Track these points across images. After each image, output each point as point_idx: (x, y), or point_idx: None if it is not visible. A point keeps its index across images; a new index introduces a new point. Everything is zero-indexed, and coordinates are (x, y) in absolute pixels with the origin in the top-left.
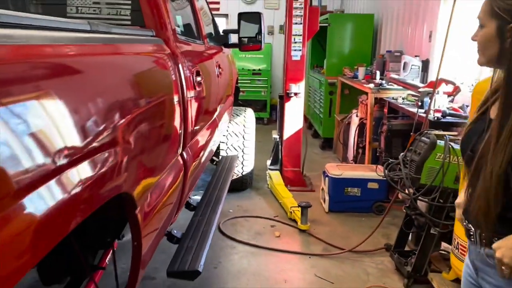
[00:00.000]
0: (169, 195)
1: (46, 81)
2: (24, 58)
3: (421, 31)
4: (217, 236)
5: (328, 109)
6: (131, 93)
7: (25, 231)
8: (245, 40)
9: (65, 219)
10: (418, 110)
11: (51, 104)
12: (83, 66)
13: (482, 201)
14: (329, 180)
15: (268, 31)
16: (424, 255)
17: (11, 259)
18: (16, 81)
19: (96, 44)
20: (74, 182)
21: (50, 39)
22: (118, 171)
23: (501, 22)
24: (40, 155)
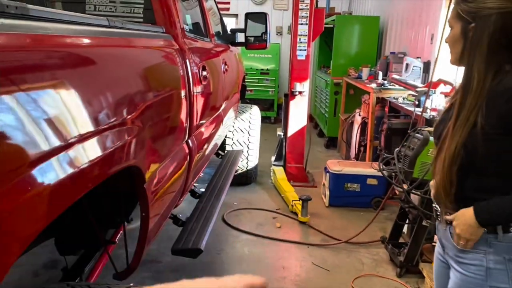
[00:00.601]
0: (174, 177)
1: (75, 67)
2: (56, 46)
3: (424, 33)
4: (221, 226)
5: (333, 109)
6: (143, 80)
7: (57, 184)
8: (252, 39)
9: (88, 179)
10: (415, 109)
11: (82, 86)
12: (104, 56)
13: (441, 180)
14: (330, 175)
15: (277, 31)
16: (416, 246)
17: (46, 205)
18: (50, 66)
19: (113, 37)
20: (96, 149)
21: (76, 31)
22: (130, 146)
23: (464, 23)
24: (73, 123)
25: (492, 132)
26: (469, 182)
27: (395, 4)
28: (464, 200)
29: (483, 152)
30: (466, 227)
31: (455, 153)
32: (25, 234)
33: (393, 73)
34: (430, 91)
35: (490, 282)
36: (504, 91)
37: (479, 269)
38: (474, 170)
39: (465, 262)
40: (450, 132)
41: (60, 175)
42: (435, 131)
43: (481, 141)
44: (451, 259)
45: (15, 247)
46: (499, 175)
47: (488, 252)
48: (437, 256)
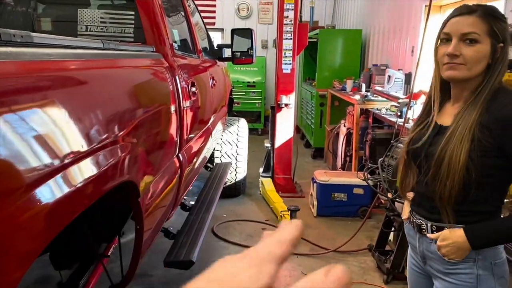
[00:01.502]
0: (166, 190)
1: (75, 90)
2: (57, 71)
3: (405, 46)
4: (211, 238)
5: (319, 120)
6: (136, 98)
7: (61, 200)
8: (238, 54)
9: (87, 196)
10: (398, 119)
11: (83, 107)
12: (100, 78)
13: (448, 197)
14: (317, 186)
15: (262, 45)
16: (402, 253)
17: (48, 223)
18: (51, 89)
19: (107, 59)
20: (93, 167)
21: (75, 55)
22: (125, 162)
23: (495, 41)
24: (73, 143)
25: (485, 149)
26: (468, 195)
27: (376, 18)
28: (460, 213)
29: (480, 166)
30: (456, 249)
31: (464, 168)
32: (28, 253)
33: (376, 84)
34: (411, 102)
35: (480, 287)
36: (500, 118)
37: (470, 277)
38: (470, 184)
39: (455, 272)
40: (457, 146)
41: (59, 194)
42: (418, 150)
43: (478, 156)
44: (436, 271)
45: (18, 267)
46: (492, 188)
47: (478, 259)
48: (413, 268)
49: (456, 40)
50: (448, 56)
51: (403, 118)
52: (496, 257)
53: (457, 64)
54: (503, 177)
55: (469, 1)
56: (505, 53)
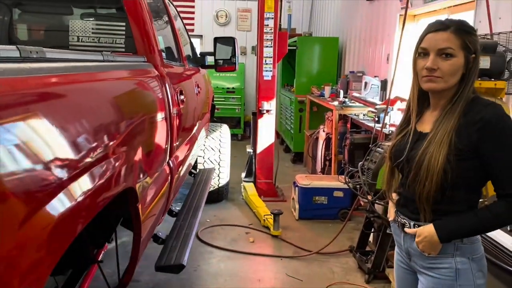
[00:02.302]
0: (159, 196)
1: (84, 100)
2: (63, 84)
3: (380, 53)
4: (196, 243)
5: (298, 125)
6: (135, 108)
7: (76, 208)
8: (221, 62)
9: (98, 202)
10: (376, 124)
11: (91, 117)
12: (102, 91)
13: (426, 197)
14: (299, 189)
15: (241, 51)
16: (382, 253)
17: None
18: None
19: (107, 71)
20: (102, 175)
21: (78, 68)
22: (127, 169)
23: (467, 53)
24: (77, 154)
25: (461, 153)
26: (446, 194)
27: (353, 26)
28: (436, 212)
29: (456, 168)
30: (428, 243)
31: (442, 169)
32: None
33: (353, 91)
34: (388, 108)
35: (459, 281)
36: (479, 120)
37: (449, 271)
38: (448, 184)
39: (436, 267)
40: (438, 143)
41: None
42: (398, 153)
43: (455, 159)
44: (420, 266)
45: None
46: (465, 188)
47: (456, 254)
48: (399, 264)
49: (433, 55)
50: (427, 69)
51: (380, 124)
52: (474, 252)
53: (435, 77)
54: (477, 177)
55: (440, 13)
56: (477, 63)
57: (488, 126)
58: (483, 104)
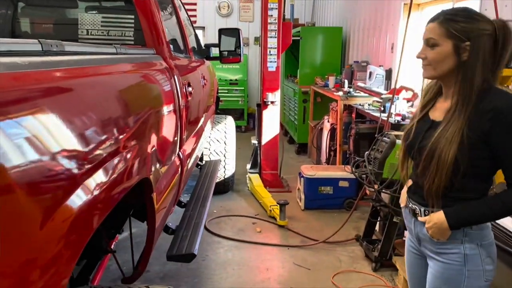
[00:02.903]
0: (171, 187)
1: (102, 92)
2: (81, 77)
3: (385, 43)
4: (204, 233)
5: (302, 116)
6: (146, 101)
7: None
8: (226, 53)
9: (116, 194)
10: (381, 114)
11: (111, 109)
12: (116, 81)
13: (437, 185)
14: (304, 180)
15: (244, 42)
16: (389, 241)
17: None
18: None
19: (121, 64)
20: (122, 165)
21: (96, 61)
22: (143, 161)
23: (456, 41)
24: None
25: (473, 142)
26: (456, 183)
27: (356, 15)
28: (445, 199)
29: (468, 158)
30: (437, 230)
31: (453, 157)
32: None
33: (358, 81)
34: (393, 98)
35: (468, 266)
36: (491, 109)
37: (458, 256)
38: (459, 174)
39: (445, 252)
40: (447, 138)
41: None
42: (413, 141)
43: (467, 149)
44: (430, 251)
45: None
46: (476, 177)
47: (464, 240)
48: (410, 249)
49: (423, 45)
50: (419, 58)
51: (386, 113)
52: (483, 238)
53: (424, 65)
54: (488, 166)
55: (445, 1)
56: (477, 49)
57: (499, 115)
58: (496, 93)
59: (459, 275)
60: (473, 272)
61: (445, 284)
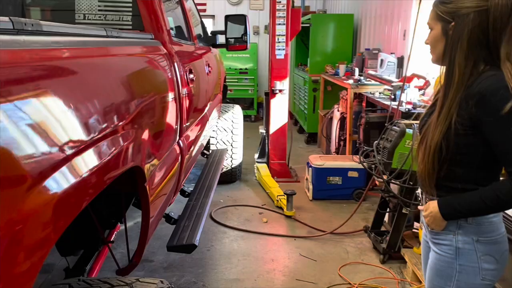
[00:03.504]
0: (169, 176)
1: (83, 78)
2: (64, 59)
3: (396, 30)
4: (209, 223)
5: (312, 105)
6: (140, 85)
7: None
8: (232, 41)
9: (102, 179)
10: (392, 102)
11: (90, 93)
12: (105, 66)
13: (425, 168)
14: (312, 170)
15: (254, 31)
16: (398, 233)
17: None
18: (59, 75)
19: (111, 47)
20: (106, 152)
21: (81, 43)
22: (133, 148)
23: (444, 23)
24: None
25: (461, 127)
26: (444, 171)
27: (368, 2)
28: (442, 188)
29: (454, 144)
30: (432, 219)
31: (438, 142)
32: (51, 235)
33: (369, 69)
34: (404, 85)
35: (459, 260)
36: (475, 93)
37: (449, 249)
38: (447, 161)
39: (439, 242)
40: (434, 123)
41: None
42: (420, 123)
43: (453, 135)
44: (429, 240)
45: (39, 254)
46: (467, 165)
47: (458, 233)
48: (423, 238)
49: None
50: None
51: (396, 101)
52: (481, 234)
53: (430, 51)
54: (480, 154)
55: None
56: (460, 28)
57: (483, 99)
58: (485, 76)
59: (450, 268)
60: (466, 267)
61: (437, 276)
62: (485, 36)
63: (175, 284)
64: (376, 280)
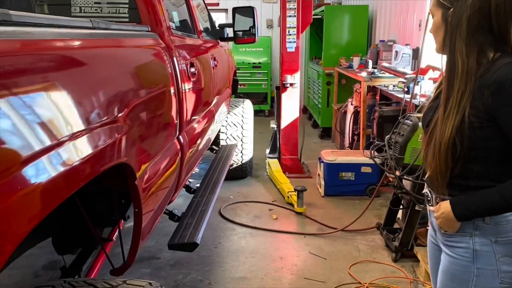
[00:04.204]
0: (167, 173)
1: (61, 69)
2: (42, 50)
3: (412, 20)
4: (218, 220)
5: (326, 99)
6: (129, 78)
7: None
8: (240, 34)
9: (79, 176)
10: (405, 95)
11: (68, 87)
12: (87, 56)
13: (437, 166)
14: (324, 165)
15: (267, 24)
16: (410, 231)
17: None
18: (37, 69)
19: (96, 38)
20: (85, 148)
21: (59, 34)
22: (119, 144)
23: (444, 10)
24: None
25: (476, 120)
26: (458, 169)
27: None
28: (454, 187)
29: (468, 139)
30: (445, 220)
31: (450, 138)
32: (17, 232)
33: (383, 61)
34: (418, 78)
35: (477, 264)
36: (492, 83)
37: (466, 251)
38: (461, 157)
39: (453, 245)
40: (441, 117)
41: (51, 173)
42: (424, 119)
43: (467, 129)
44: (441, 242)
45: (8, 245)
46: (483, 161)
47: (475, 234)
48: (430, 239)
49: None
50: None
51: (410, 94)
52: (499, 234)
53: (434, 40)
54: (497, 148)
55: None
56: (459, 13)
57: (501, 89)
58: (501, 64)
59: (467, 273)
60: (484, 271)
61: (452, 281)
62: (487, 21)
63: (181, 282)
64: (388, 279)
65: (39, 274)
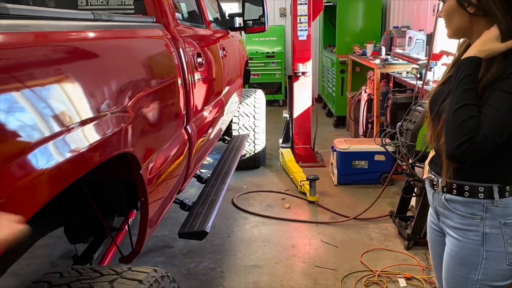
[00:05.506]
0: (174, 163)
1: (65, 63)
2: (44, 42)
3: (426, 5)
4: (231, 209)
5: (340, 87)
6: (134, 69)
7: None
8: (250, 23)
9: (83, 162)
10: (417, 82)
11: (72, 78)
12: (90, 48)
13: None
14: (337, 154)
15: (280, 13)
16: (423, 218)
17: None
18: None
19: (99, 30)
20: (89, 137)
21: (59, 27)
22: (124, 134)
23: None
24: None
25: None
26: None
27: None
28: (465, 171)
29: None
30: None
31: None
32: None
33: (397, 47)
34: (431, 63)
35: (486, 246)
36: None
37: (476, 235)
38: None
39: (463, 228)
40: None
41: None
42: (433, 104)
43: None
44: (447, 227)
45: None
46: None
47: (485, 217)
48: (430, 225)
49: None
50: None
51: (422, 80)
52: (507, 216)
53: (445, 25)
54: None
55: None
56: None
57: None
58: None
59: (475, 256)
60: (493, 253)
61: (460, 265)
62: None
63: (193, 270)
64: (400, 267)
65: (56, 263)
